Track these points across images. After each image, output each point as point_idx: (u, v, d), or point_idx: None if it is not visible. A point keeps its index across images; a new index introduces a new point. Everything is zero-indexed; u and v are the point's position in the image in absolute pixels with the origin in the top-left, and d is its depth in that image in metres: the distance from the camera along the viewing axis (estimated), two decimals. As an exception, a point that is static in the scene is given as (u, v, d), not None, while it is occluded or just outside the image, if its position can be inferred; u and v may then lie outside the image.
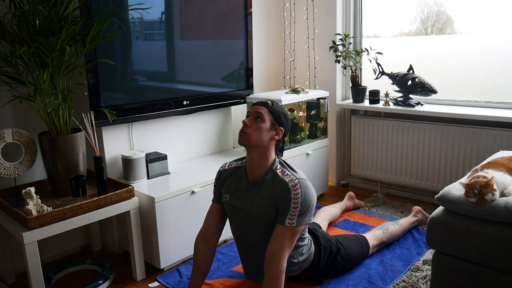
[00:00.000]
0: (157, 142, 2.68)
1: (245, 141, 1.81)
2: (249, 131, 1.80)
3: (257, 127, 1.80)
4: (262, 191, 1.82)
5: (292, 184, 1.75)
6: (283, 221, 1.73)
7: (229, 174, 1.95)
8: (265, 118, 1.81)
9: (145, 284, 2.22)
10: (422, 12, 3.21)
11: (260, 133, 1.80)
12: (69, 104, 2.11)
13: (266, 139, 1.81)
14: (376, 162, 3.26)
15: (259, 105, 1.85)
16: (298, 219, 1.72)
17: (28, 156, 2.15)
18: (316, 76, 3.47)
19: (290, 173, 1.80)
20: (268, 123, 1.82)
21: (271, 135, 1.82)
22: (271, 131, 1.82)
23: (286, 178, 1.78)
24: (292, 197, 1.72)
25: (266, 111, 1.83)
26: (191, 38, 2.75)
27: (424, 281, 2.09)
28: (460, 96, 3.04)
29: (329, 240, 2.12)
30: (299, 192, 1.73)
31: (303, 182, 1.77)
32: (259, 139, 1.80)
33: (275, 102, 1.89)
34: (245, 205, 1.86)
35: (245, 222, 1.90)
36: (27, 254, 1.82)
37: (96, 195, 2.11)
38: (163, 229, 2.23)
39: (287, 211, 1.73)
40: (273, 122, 1.83)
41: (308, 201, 1.75)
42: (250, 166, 1.87)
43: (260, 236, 1.85)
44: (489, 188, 1.63)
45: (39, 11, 1.86)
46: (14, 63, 1.93)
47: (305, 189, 1.75)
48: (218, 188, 1.97)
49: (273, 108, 1.85)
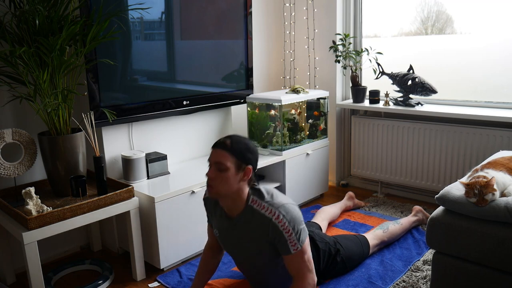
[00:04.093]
0: (157, 142, 2.68)
1: (214, 195, 1.69)
2: (215, 184, 1.65)
3: (222, 179, 1.64)
4: (246, 230, 1.74)
5: (274, 217, 1.66)
6: (288, 251, 1.68)
7: (212, 206, 1.87)
8: (228, 165, 1.63)
9: (145, 284, 2.22)
10: (422, 12, 3.21)
11: (227, 183, 1.64)
12: (69, 104, 2.11)
13: (235, 187, 1.66)
14: (376, 162, 3.26)
15: (217, 149, 1.66)
16: (298, 240, 1.68)
17: (28, 156, 2.15)
18: (316, 76, 3.47)
19: (266, 204, 1.69)
20: (233, 169, 1.64)
21: (239, 179, 1.66)
22: (238, 175, 1.65)
23: (265, 213, 1.67)
24: (282, 229, 1.65)
25: (226, 156, 1.63)
26: (191, 38, 2.74)
27: (424, 281, 2.09)
28: (460, 96, 3.04)
29: (327, 242, 2.11)
30: (284, 220, 1.65)
31: (282, 208, 1.67)
32: (228, 190, 1.66)
33: (234, 137, 1.69)
34: (235, 243, 1.82)
35: (239, 254, 1.87)
36: (27, 254, 1.81)
37: (96, 195, 2.11)
38: (163, 229, 2.23)
39: (285, 241, 1.67)
40: (237, 164, 1.65)
41: (296, 220, 1.68)
42: (225, 208, 1.77)
43: (258, 264, 1.82)
44: (489, 188, 1.63)
45: (39, 11, 1.86)
46: (14, 63, 1.93)
47: (287, 212, 1.67)
48: (208, 214, 1.93)
49: (233, 147, 1.64)
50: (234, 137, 1.69)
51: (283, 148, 2.92)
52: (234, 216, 1.75)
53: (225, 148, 1.65)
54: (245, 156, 1.66)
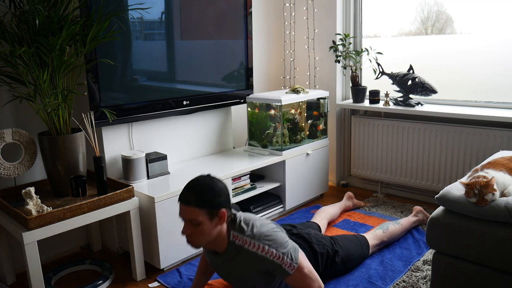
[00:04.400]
0: (157, 142, 2.68)
1: (197, 246, 1.68)
2: (194, 239, 1.64)
3: (198, 232, 1.61)
4: (236, 264, 1.72)
5: (260, 250, 1.64)
6: (287, 273, 1.67)
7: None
8: (199, 219, 1.58)
9: (145, 284, 2.22)
10: (422, 12, 3.21)
11: (205, 235, 1.62)
12: (69, 104, 2.11)
13: (214, 234, 1.64)
14: (376, 162, 3.26)
15: (185, 206, 1.60)
16: (292, 260, 1.66)
17: (28, 156, 2.15)
18: (316, 76, 3.47)
19: (248, 239, 1.66)
20: (207, 220, 1.60)
21: (215, 225, 1.63)
22: (213, 222, 1.62)
23: (250, 248, 1.65)
24: (272, 258, 1.64)
25: (196, 212, 1.58)
26: (191, 38, 2.75)
27: (424, 281, 2.09)
28: (460, 96, 3.04)
29: (324, 244, 2.09)
30: (271, 250, 1.64)
31: (265, 239, 1.66)
32: (208, 239, 1.65)
33: (197, 186, 1.62)
34: (228, 274, 1.82)
35: (234, 282, 1.86)
36: (27, 254, 1.81)
37: (96, 195, 2.11)
38: (163, 229, 2.23)
39: (280, 266, 1.65)
40: (209, 213, 1.60)
41: (282, 244, 1.67)
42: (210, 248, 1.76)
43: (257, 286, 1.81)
44: (489, 188, 1.63)
45: (39, 11, 1.86)
46: (14, 63, 1.93)
47: (271, 240, 1.66)
48: None
49: (199, 200, 1.58)
50: (197, 186, 1.62)
51: (283, 148, 2.92)
52: (221, 253, 1.73)
53: (192, 204, 1.59)
54: (214, 203, 1.61)
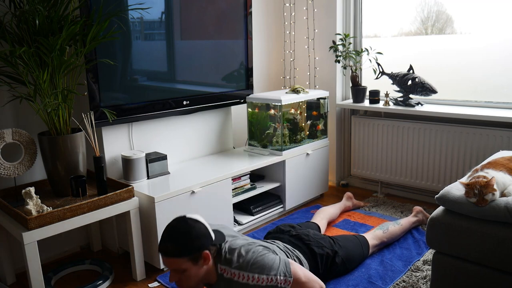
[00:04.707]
0: (157, 142, 2.68)
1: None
2: (183, 284, 1.66)
3: (186, 278, 1.63)
4: None
5: (250, 280, 1.63)
6: None
7: None
8: (183, 267, 1.60)
9: (145, 284, 2.22)
10: (422, 12, 3.21)
11: (193, 278, 1.64)
12: (69, 104, 2.11)
13: (202, 274, 1.66)
14: (376, 162, 3.26)
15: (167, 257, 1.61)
16: (285, 276, 1.64)
17: (28, 156, 2.15)
18: (316, 76, 3.47)
19: (237, 271, 1.65)
20: (191, 265, 1.62)
21: (201, 266, 1.64)
22: (199, 264, 1.63)
23: (240, 280, 1.64)
24: (266, 284, 1.62)
25: (178, 261, 1.60)
26: (191, 38, 2.74)
27: (424, 281, 2.09)
28: (460, 96, 3.04)
29: (323, 246, 2.09)
30: (262, 277, 1.62)
31: (253, 267, 1.64)
32: (198, 281, 1.66)
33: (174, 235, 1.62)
34: None
35: None
36: (27, 254, 1.82)
37: (96, 195, 2.11)
38: (163, 229, 2.22)
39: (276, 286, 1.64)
40: (192, 258, 1.61)
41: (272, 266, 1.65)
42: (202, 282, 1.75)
43: None
44: (489, 188, 1.63)
45: (39, 11, 1.86)
46: (14, 63, 1.93)
47: (260, 267, 1.64)
48: None
49: (178, 250, 1.59)
50: (174, 235, 1.62)
51: (283, 148, 2.92)
52: (213, 284, 1.73)
53: (172, 254, 1.60)
54: (194, 249, 1.61)
